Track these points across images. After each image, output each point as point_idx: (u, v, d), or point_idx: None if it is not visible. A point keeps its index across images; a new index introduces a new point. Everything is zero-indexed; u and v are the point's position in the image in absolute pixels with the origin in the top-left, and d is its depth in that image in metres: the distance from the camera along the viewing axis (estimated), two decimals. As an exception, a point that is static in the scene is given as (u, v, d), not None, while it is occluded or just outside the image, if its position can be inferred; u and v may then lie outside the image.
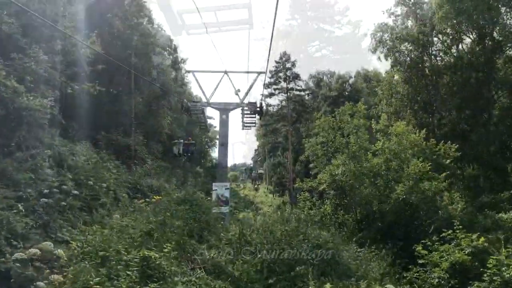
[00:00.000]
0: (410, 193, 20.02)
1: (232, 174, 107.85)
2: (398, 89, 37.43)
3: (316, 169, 25.86)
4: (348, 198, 22.44)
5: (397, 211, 19.98)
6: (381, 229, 20.39)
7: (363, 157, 23.68)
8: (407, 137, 23.87)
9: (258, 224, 15.34)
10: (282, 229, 13.90)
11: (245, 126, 28.15)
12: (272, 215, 18.81)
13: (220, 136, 26.36)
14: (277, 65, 71.40)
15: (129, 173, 19.49)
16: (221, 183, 24.51)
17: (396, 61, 38.35)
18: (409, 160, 22.83)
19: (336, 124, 25.26)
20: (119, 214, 15.20)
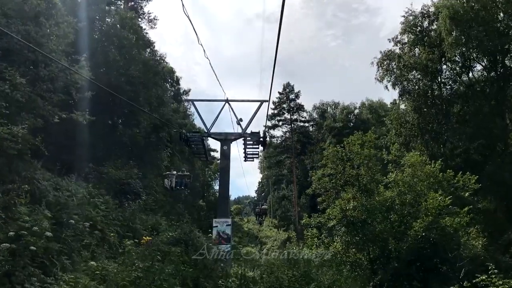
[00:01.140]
0: (430, 229, 18.12)
1: (235, 207, 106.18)
2: (407, 119, 35.97)
3: (324, 204, 24.07)
4: (360, 235, 20.55)
5: (416, 249, 18.02)
6: (398, 270, 18.40)
7: (375, 190, 21.96)
8: (422, 168, 22.16)
9: (263, 269, 13.54)
10: (290, 274, 12.09)
11: (248, 158, 26.49)
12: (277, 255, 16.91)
13: (220, 168, 24.67)
14: (280, 96, 70.80)
15: (120, 210, 17.74)
16: (222, 219, 22.68)
17: (404, 90, 37.09)
18: (425, 193, 21.07)
19: (345, 155, 23.61)
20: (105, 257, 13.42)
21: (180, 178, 26.73)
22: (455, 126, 34.00)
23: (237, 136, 24.51)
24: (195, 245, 14.48)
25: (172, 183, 25.61)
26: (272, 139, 69.77)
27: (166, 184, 25.90)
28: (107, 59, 23.67)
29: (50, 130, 18.61)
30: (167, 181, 25.69)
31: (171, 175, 26.08)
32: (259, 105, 24.81)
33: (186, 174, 27.99)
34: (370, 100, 79.95)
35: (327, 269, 14.52)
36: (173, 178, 25.80)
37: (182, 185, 27.21)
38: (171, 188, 26.04)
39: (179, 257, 12.83)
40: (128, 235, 17.02)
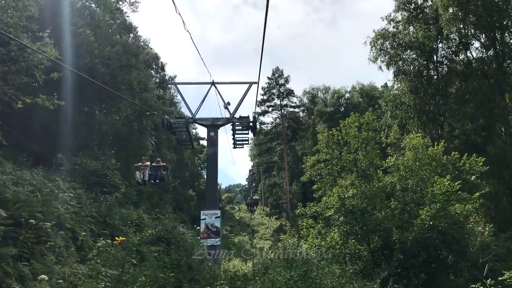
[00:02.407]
0: (437, 217, 16.53)
1: (226, 196, 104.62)
2: (403, 100, 34.31)
3: (320, 191, 22.41)
4: (360, 224, 18.96)
5: (422, 239, 16.45)
6: (402, 262, 16.85)
7: (375, 175, 20.36)
8: (424, 151, 20.55)
9: (256, 269, 11.88)
10: (287, 276, 10.42)
11: (237, 144, 24.73)
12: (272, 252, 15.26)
13: (208, 156, 22.89)
14: (269, 81, 68.77)
15: (95, 205, 15.88)
16: (210, 211, 21.02)
17: (399, 70, 35.40)
18: (428, 178, 19.50)
19: (341, 138, 21.89)
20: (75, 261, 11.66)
21: (154, 170, 21.49)
22: (453, 106, 32.44)
23: (225, 121, 22.74)
24: (178, 244, 12.74)
25: (144, 176, 20.69)
26: (262, 125, 68.00)
27: (137, 178, 20.38)
28: (80, 40, 21.57)
29: (13, 116, 16.69)
30: (138, 174, 20.47)
31: (143, 166, 20.99)
32: (247, 88, 23.03)
33: (162, 165, 22.22)
34: (361, 83, 78.53)
35: (326, 265, 12.86)
36: (146, 170, 20.92)
37: (157, 178, 21.54)
38: (143, 182, 20.85)
39: (158, 259, 11.08)
40: (104, 233, 15.22)
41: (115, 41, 25.58)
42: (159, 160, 22.36)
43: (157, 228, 13.34)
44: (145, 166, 21.01)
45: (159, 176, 21.63)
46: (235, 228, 72.75)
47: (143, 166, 20.98)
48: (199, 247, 13.72)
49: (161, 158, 55.02)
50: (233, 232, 69.23)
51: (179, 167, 63.46)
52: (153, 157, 44.99)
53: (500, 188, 28.11)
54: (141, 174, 20.52)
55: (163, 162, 23.09)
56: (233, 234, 67.11)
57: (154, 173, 21.38)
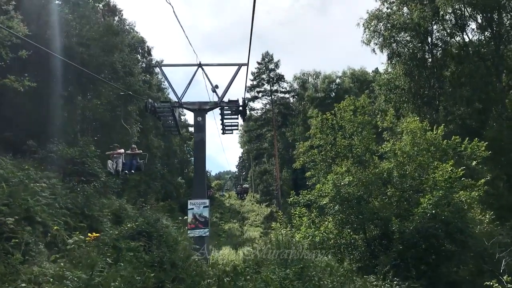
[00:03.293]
0: (440, 205, 15.50)
1: (216, 183, 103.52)
2: (398, 83, 33.25)
3: (314, 179, 21.31)
4: (356, 213, 17.94)
5: (424, 229, 15.44)
6: (402, 253, 15.87)
7: (371, 161, 19.31)
8: (422, 135, 19.50)
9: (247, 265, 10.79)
10: (282, 275, 9.31)
11: (226, 130, 23.41)
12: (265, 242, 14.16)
13: (195, 142, 21.56)
14: (259, 66, 67.30)
15: (72, 195, 14.62)
16: (198, 200, 19.82)
17: (393, 53, 34.27)
18: (427, 163, 18.49)
19: (336, 123, 20.74)
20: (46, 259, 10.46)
21: (129, 159, 18.31)
22: (449, 90, 31.48)
23: (213, 106, 21.40)
24: (161, 238, 11.55)
25: (117, 165, 17.41)
26: (252, 111, 66.71)
27: (109, 168, 17.21)
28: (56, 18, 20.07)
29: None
30: (110, 163, 17.23)
31: (116, 154, 17.75)
32: (237, 70, 21.66)
33: (138, 153, 18.96)
34: (351, 68, 77.39)
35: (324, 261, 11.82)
36: (119, 159, 17.73)
37: (133, 168, 18.29)
38: (116, 173, 17.59)
39: (138, 256, 9.91)
40: (81, 226, 13.99)
41: (96, 21, 24.08)
42: (134, 147, 19.00)
43: (138, 221, 12.12)
44: (118, 154, 17.78)
45: (134, 166, 18.35)
46: (225, 215, 71.90)
47: (115, 154, 17.73)
48: (185, 242, 12.50)
49: (148, 145, 53.66)
50: (223, 219, 68.40)
51: (167, 155, 62.22)
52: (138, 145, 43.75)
53: (497, 173, 27.29)
54: (114, 163, 17.33)
55: (140, 149, 19.74)
56: (223, 222, 66.29)
57: (129, 162, 18.23)
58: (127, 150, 18.45)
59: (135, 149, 18.80)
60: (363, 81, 72.45)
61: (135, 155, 18.66)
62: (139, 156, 18.88)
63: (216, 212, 71.28)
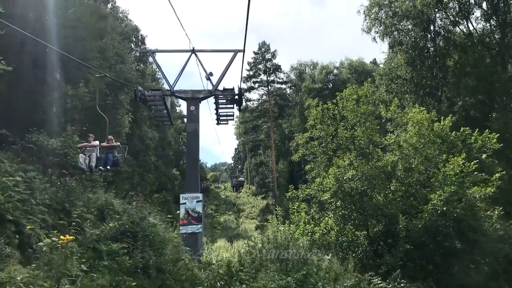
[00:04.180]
0: (451, 202, 14.37)
1: (212, 175, 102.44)
2: (399, 73, 32.06)
3: (314, 172, 20.15)
4: (358, 209, 16.82)
5: (434, 227, 14.33)
6: (409, 253, 14.78)
7: (375, 154, 18.16)
8: (429, 126, 18.35)
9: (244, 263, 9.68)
10: (283, 284, 8.17)
11: (221, 120, 22.22)
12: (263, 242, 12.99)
13: (188, 133, 20.35)
14: (255, 56, 65.83)
15: (52, 190, 13.39)
16: (191, 194, 18.69)
17: (395, 41, 33.03)
18: (434, 156, 17.35)
19: (338, 113, 19.52)
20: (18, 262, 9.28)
21: (105, 152, 15.71)
22: (452, 80, 30.32)
23: (207, 94, 20.20)
24: (147, 239, 10.36)
25: (91, 160, 14.73)
26: (248, 102, 65.41)
27: (80, 163, 14.48)
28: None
29: None
30: (82, 157, 14.58)
31: (89, 147, 15.07)
32: (232, 56, 20.46)
33: (115, 145, 16.17)
34: (349, 59, 76.19)
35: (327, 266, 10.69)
36: (94, 153, 15.01)
37: (109, 163, 15.61)
38: (89, 169, 14.83)
39: (118, 262, 8.73)
40: (60, 223, 12.77)
41: (83, 3, 22.67)
42: (111, 139, 16.09)
43: (122, 219, 10.93)
44: (91, 146, 15.19)
45: (111, 161, 15.63)
46: (220, 207, 71.05)
47: (89, 146, 15.16)
48: (174, 242, 11.29)
49: (142, 136, 52.30)
50: (218, 211, 67.56)
51: (162, 146, 61.06)
52: (130, 136, 42.30)
53: (503, 166, 26.21)
54: (86, 157, 14.75)
55: (117, 141, 16.91)
56: (219, 214, 65.46)
57: (105, 156, 15.56)
58: (103, 143, 15.89)
59: (112, 141, 16.10)
60: (361, 72, 71.38)
61: (112, 148, 16.01)
62: (116, 150, 16.34)
63: (211, 204, 70.36)
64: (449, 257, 14.47)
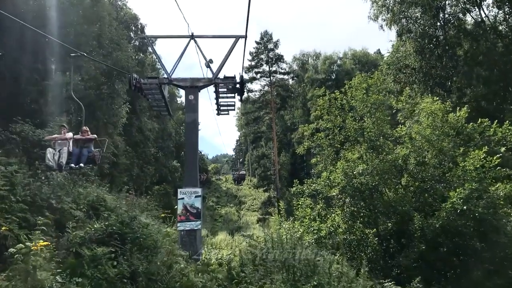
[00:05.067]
0: (472, 199, 13.20)
1: (213, 166, 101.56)
2: (407, 62, 30.75)
3: (321, 166, 18.94)
4: (369, 206, 15.69)
5: (454, 227, 13.18)
6: (424, 254, 13.66)
7: (386, 147, 16.99)
8: (444, 118, 17.13)
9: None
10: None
11: (221, 110, 21.04)
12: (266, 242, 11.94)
13: (186, 123, 19.21)
14: (257, 46, 64.39)
15: (36, 185, 12.26)
16: (189, 189, 17.59)
17: (403, 29, 31.65)
18: (450, 150, 16.16)
19: (346, 102, 18.31)
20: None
21: (79, 147, 12.83)
22: (463, 69, 29.00)
23: (207, 82, 19.00)
24: (137, 241, 9.22)
25: (61, 156, 12.01)
26: (250, 93, 64.06)
27: (48, 160, 11.89)
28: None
29: None
30: (51, 152, 11.98)
31: (60, 140, 12.47)
32: (234, 42, 19.24)
33: (91, 138, 13.16)
34: (353, 49, 74.86)
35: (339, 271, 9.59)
36: (65, 147, 12.27)
37: (82, 160, 12.63)
38: (58, 167, 12.13)
39: (101, 271, 7.61)
40: (44, 222, 11.67)
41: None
42: (86, 130, 13.08)
43: (109, 219, 9.80)
44: (62, 139, 12.46)
45: (85, 157, 12.62)
46: (221, 199, 70.37)
47: (59, 139, 12.48)
48: (168, 245, 10.16)
49: (141, 127, 51.09)
50: (219, 203, 66.85)
51: (162, 137, 60.07)
52: (129, 127, 41.10)
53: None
54: (56, 152, 12.04)
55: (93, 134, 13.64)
56: (220, 206, 64.73)
57: (78, 151, 12.58)
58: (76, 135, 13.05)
59: (87, 133, 13.10)
60: (365, 62, 70.14)
61: (87, 141, 13.01)
62: (92, 143, 13.23)
63: (212, 196, 69.58)
64: (468, 259, 13.34)
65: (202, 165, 70.57)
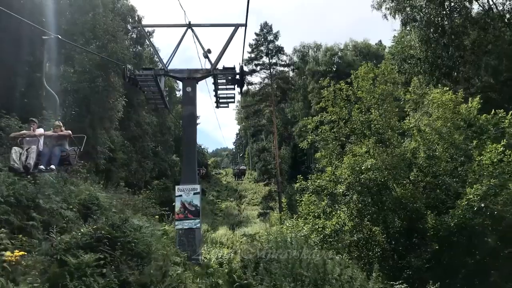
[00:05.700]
0: (489, 196, 12.35)
1: (213, 160, 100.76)
2: (412, 52, 29.77)
3: (325, 160, 18.02)
4: (378, 203, 14.83)
5: (469, 226, 12.34)
6: (437, 254, 12.84)
7: (395, 140, 16.11)
8: (455, 109, 16.25)
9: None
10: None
11: (221, 103, 20.08)
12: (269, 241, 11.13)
13: (184, 117, 18.29)
14: (257, 38, 63.23)
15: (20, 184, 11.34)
16: (187, 186, 16.67)
17: (407, 18, 30.64)
18: (462, 142, 15.30)
19: (352, 93, 17.39)
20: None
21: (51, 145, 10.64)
22: (471, 58, 28.04)
23: (205, 73, 18.01)
24: (128, 247, 8.36)
25: (29, 156, 9.91)
26: (250, 86, 63.01)
27: (13, 160, 9.67)
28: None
29: None
30: (17, 151, 9.82)
31: (28, 137, 10.47)
32: (233, 31, 18.24)
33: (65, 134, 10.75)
34: (354, 41, 73.77)
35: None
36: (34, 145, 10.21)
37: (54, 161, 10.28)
38: (25, 169, 9.92)
39: (86, 283, 6.75)
40: (29, 225, 10.81)
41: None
42: (58, 125, 10.73)
43: (98, 222, 8.94)
44: (32, 136, 10.42)
45: (57, 157, 10.32)
46: (222, 193, 69.61)
47: (28, 136, 10.48)
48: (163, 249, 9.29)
49: (139, 121, 50.18)
50: (220, 197, 66.12)
51: (161, 131, 59.18)
52: (127, 121, 40.14)
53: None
54: (24, 152, 9.95)
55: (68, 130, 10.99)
56: (220, 200, 64.03)
57: (49, 150, 10.41)
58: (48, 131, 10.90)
59: (60, 129, 10.73)
60: (366, 53, 69.06)
61: (60, 139, 10.73)
62: (67, 141, 10.95)
63: (212, 190, 68.86)
64: (485, 260, 12.50)
65: (202, 159, 69.73)
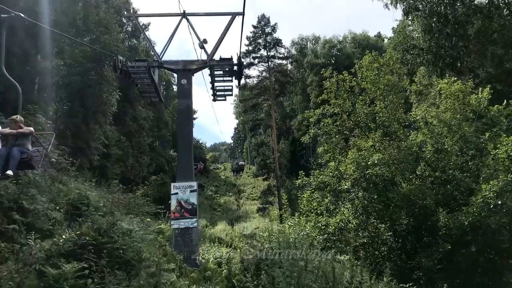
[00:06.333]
0: (504, 193, 11.57)
1: (211, 155, 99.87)
2: (415, 42, 28.89)
3: (328, 155, 17.19)
4: (384, 199, 14.04)
5: (484, 225, 11.57)
6: (449, 255, 12.06)
7: (402, 134, 15.30)
8: (464, 100, 15.43)
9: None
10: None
11: (218, 96, 19.27)
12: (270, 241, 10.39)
13: (179, 110, 17.46)
14: (255, 30, 62.12)
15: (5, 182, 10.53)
16: (183, 183, 15.93)
17: (409, 7, 29.73)
18: (473, 135, 14.50)
19: (356, 84, 16.53)
20: None
21: (9, 144, 8.77)
22: (476, 47, 27.19)
23: (201, 65, 17.20)
24: (115, 253, 7.53)
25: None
26: (248, 79, 61.99)
27: None
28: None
29: None
30: None
31: None
32: (230, 20, 17.43)
33: (27, 132, 8.87)
34: (353, 33, 72.79)
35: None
36: None
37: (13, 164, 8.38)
38: None
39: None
40: (11, 228, 9.99)
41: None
42: (19, 121, 8.77)
43: (82, 226, 8.11)
44: None
45: (16, 160, 8.49)
46: (220, 188, 68.79)
47: None
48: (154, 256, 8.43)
49: (135, 116, 49.31)
50: (218, 192, 65.35)
51: (158, 126, 58.33)
52: (123, 115, 39.30)
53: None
54: None
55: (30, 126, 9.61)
56: (218, 195, 63.27)
57: (6, 151, 8.53)
58: (7, 128, 9.02)
59: (21, 124, 8.83)
60: (365, 46, 68.06)
61: (20, 137, 8.88)
62: (29, 140, 9.18)
63: (211, 185, 68.05)
64: (501, 261, 11.73)
65: (200, 153, 68.91)
